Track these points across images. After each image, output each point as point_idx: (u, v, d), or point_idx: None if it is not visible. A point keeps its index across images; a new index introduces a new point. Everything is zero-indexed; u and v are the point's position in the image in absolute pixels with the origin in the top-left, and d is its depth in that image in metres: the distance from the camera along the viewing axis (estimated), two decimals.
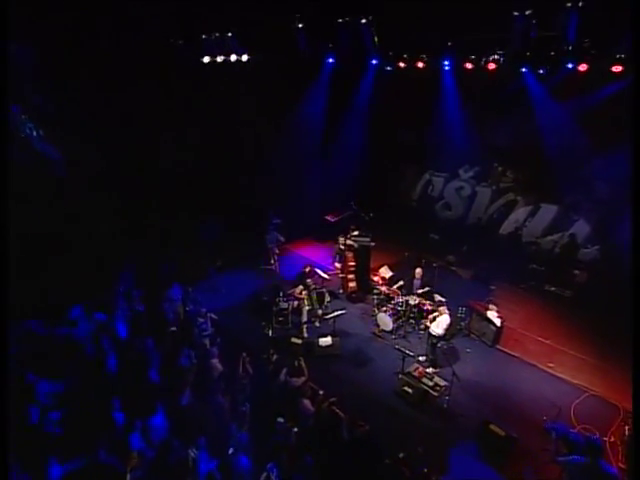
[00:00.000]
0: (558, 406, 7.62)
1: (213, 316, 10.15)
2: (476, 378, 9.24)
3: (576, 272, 12.38)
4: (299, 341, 9.97)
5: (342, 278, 12.02)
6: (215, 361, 8.72)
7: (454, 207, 15.42)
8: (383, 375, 9.38)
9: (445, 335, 9.29)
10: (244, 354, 8.71)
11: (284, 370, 8.36)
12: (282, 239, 13.35)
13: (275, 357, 9.10)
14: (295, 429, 7.13)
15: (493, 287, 12.18)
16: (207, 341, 9.48)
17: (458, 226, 15.00)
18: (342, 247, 11.82)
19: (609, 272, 11.26)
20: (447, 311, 9.08)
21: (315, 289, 10.86)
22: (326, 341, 9.91)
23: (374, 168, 15.70)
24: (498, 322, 10.06)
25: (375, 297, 11.38)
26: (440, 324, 9.00)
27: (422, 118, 14.05)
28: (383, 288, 11.10)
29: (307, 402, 7.86)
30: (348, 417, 7.36)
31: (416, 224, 14.98)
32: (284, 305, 10.79)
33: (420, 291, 10.68)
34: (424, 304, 10.38)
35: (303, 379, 8.30)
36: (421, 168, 15.90)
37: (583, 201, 12.44)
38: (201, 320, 9.88)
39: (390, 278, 11.60)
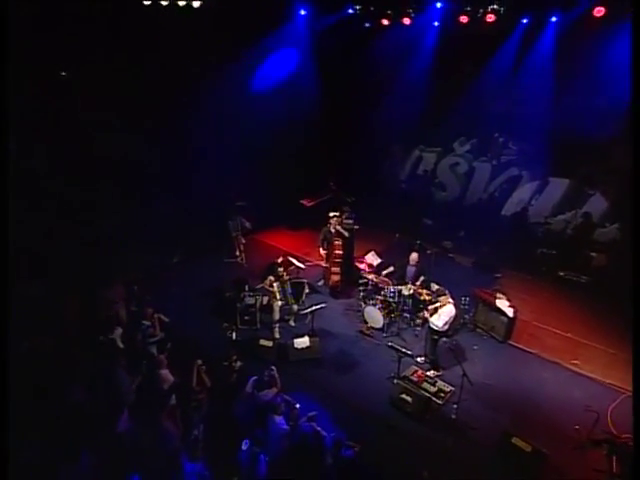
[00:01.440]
0: (595, 411, 6.54)
1: (163, 318, 8.82)
2: (488, 381, 8.16)
3: (593, 255, 11.62)
4: (269, 344, 8.69)
5: (325, 268, 10.78)
6: (164, 372, 7.38)
7: (449, 187, 14.52)
8: (374, 382, 8.21)
9: (448, 330, 8.15)
10: (199, 362, 7.38)
11: (251, 380, 7.18)
12: (248, 225, 12.09)
13: (239, 364, 7.86)
14: (264, 455, 6.05)
15: (499, 275, 11.33)
16: (154, 348, 8.16)
17: (454, 208, 14.11)
18: (332, 231, 10.56)
19: (631, 253, 10.38)
20: (450, 300, 7.93)
21: (289, 280, 9.60)
22: (303, 342, 8.66)
23: (355, 144, 14.66)
24: (510, 312, 9.00)
25: (361, 289, 10.20)
26: (442, 316, 7.84)
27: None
28: (371, 276, 9.91)
29: (280, 419, 6.69)
30: (332, 436, 6.29)
31: (405, 208, 13.93)
32: (250, 301, 9.49)
33: (419, 282, 9.50)
34: (420, 293, 9.23)
35: (274, 391, 7.10)
36: (410, 143, 14.91)
37: (599, 172, 11.59)
38: (147, 323, 8.54)
39: (378, 266, 10.44)
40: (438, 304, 8.02)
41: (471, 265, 12.13)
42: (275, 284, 9.38)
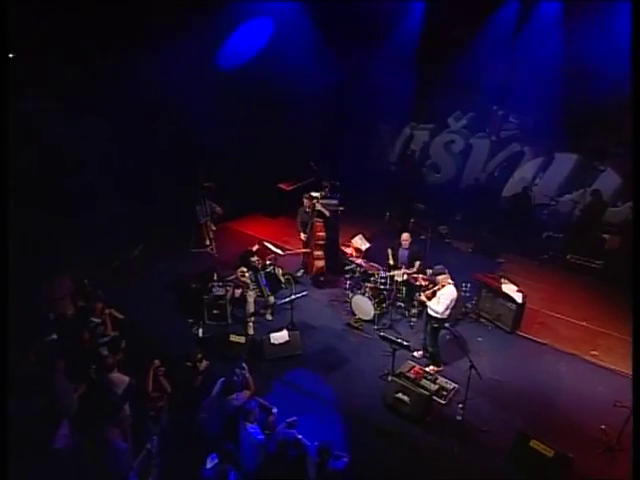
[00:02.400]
0: (626, 406, 5.82)
1: (116, 315, 7.96)
2: (497, 376, 7.47)
3: (605, 237, 11.05)
4: (241, 339, 7.84)
5: (306, 255, 9.97)
6: (115, 377, 6.52)
7: (443, 167, 13.93)
8: (365, 380, 7.46)
9: (449, 317, 7.39)
10: (156, 363, 6.53)
11: (218, 382, 6.41)
12: (219, 210, 11.25)
13: (205, 364, 7.09)
14: (235, 472, 5.32)
15: (501, 260, 10.72)
16: (105, 350, 7.29)
17: (449, 191, 13.48)
18: (307, 210, 9.78)
19: None
20: (451, 281, 7.18)
21: (265, 268, 8.77)
22: (281, 337, 7.83)
23: (339, 123, 13.98)
24: (519, 298, 8.30)
25: (348, 276, 9.41)
26: (442, 299, 7.08)
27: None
28: (359, 261, 9.12)
29: (253, 428, 5.93)
30: (317, 445, 5.53)
31: (396, 192, 13.22)
32: (220, 291, 8.64)
33: (415, 267, 8.74)
34: (416, 279, 8.48)
35: (247, 394, 6.41)
36: (399, 120, 14.22)
37: (610, 145, 11.05)
38: (96, 321, 7.66)
39: (367, 250, 9.65)
40: (437, 286, 7.26)
41: (470, 250, 11.47)
42: (248, 274, 8.54)
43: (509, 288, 8.44)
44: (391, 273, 8.74)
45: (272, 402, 6.56)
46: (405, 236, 8.92)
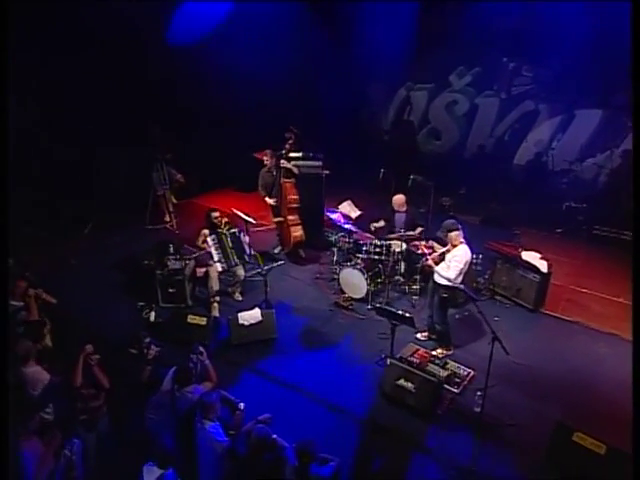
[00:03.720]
0: None
1: (46, 297, 6.84)
2: (521, 360, 6.51)
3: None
4: (202, 321, 6.79)
5: (279, 225, 8.97)
6: (32, 371, 5.36)
7: (445, 133, 13.28)
8: (356, 367, 6.49)
9: (462, 283, 6.36)
10: (88, 348, 5.34)
11: (170, 372, 5.41)
12: (180, 177, 10.25)
13: (154, 351, 5.98)
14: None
15: (517, 231, 9.86)
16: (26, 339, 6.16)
17: (452, 160, 12.77)
18: (270, 170, 8.83)
19: None
20: (462, 239, 6.21)
21: (231, 229, 7.75)
22: (251, 317, 6.81)
23: (323, 86, 12.94)
24: (543, 266, 7.39)
25: (337, 246, 8.45)
26: (454, 263, 6.10)
27: None
28: (348, 226, 8.14)
29: (214, 427, 4.93)
30: (297, 447, 4.57)
31: (390, 165, 12.27)
32: (176, 265, 7.59)
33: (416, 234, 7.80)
34: (417, 246, 7.52)
35: (207, 386, 5.43)
36: (393, 80, 13.50)
37: None
38: (16, 304, 6.55)
39: (358, 219, 8.70)
40: (445, 248, 6.30)
41: (480, 222, 10.61)
42: (211, 238, 7.50)
43: (530, 255, 7.55)
44: (387, 242, 7.78)
45: (240, 396, 5.64)
46: (399, 198, 8.00)
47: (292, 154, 8.96)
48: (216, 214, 7.66)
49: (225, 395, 5.61)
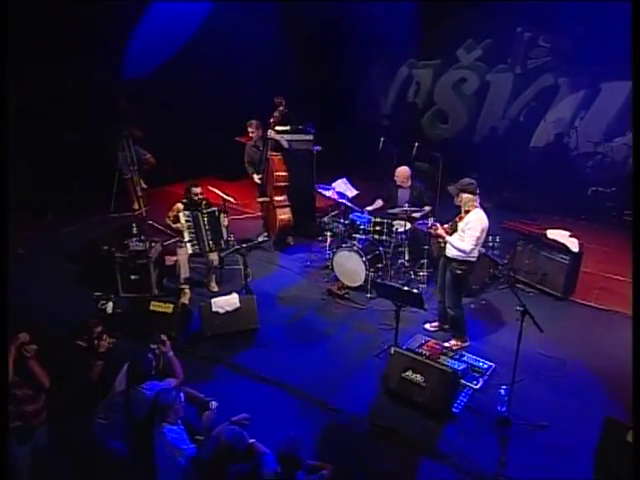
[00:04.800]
0: None
1: None
2: (551, 353, 5.92)
3: None
4: (168, 308, 6.12)
5: (264, 206, 8.35)
6: None
7: (452, 115, 12.71)
8: (352, 361, 5.87)
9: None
10: (23, 337, 4.56)
11: (125, 367, 4.81)
12: (150, 157, 9.66)
13: (107, 343, 5.34)
14: None
15: (538, 217, 9.32)
16: None
17: (460, 145, 12.19)
18: (256, 144, 8.27)
19: None
20: (477, 204, 5.60)
21: (208, 207, 7.11)
22: (228, 303, 6.14)
23: (316, 66, 12.66)
24: (574, 245, 6.77)
25: (330, 231, 7.81)
26: (468, 232, 5.45)
27: None
28: (344, 200, 7.52)
29: (176, 431, 4.28)
30: (280, 451, 3.90)
31: (391, 153, 11.81)
32: (139, 246, 6.93)
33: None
34: (424, 224, 6.91)
35: (171, 384, 4.78)
36: (394, 58, 12.98)
37: None
38: None
39: (354, 199, 8.07)
40: (458, 217, 5.69)
41: (493, 206, 10.01)
42: (184, 214, 6.85)
43: (558, 234, 6.95)
44: (389, 221, 7.17)
45: (213, 394, 4.97)
46: (402, 170, 7.45)
47: (279, 127, 8.37)
48: (198, 190, 7.02)
49: (191, 392, 4.94)
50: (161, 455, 4.22)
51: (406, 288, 5.29)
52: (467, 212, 5.57)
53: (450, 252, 5.64)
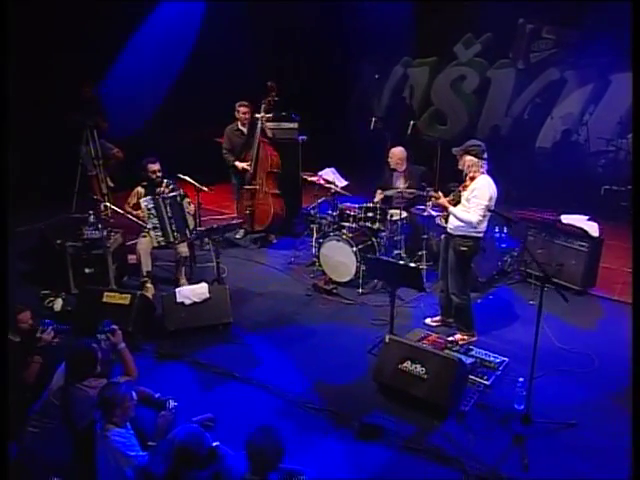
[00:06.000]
0: None
1: None
2: (571, 347, 5.39)
3: None
4: (124, 299, 5.49)
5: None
6: None
7: (451, 115, 12.42)
8: (340, 359, 5.23)
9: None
10: None
11: (61, 368, 4.15)
12: (117, 151, 9.17)
13: (48, 336, 4.62)
14: None
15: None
16: None
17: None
18: (240, 128, 7.82)
19: None
20: (484, 170, 5.10)
21: (172, 190, 6.53)
22: (196, 293, 5.52)
23: (307, 66, 12.53)
24: (593, 230, 6.29)
25: (316, 224, 7.27)
26: (474, 200, 4.93)
27: None
28: (331, 185, 6.98)
29: (122, 437, 3.66)
30: (249, 453, 3.27)
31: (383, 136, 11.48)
32: (94, 234, 6.32)
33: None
34: (423, 209, 6.39)
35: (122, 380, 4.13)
36: (388, 56, 12.75)
37: None
38: None
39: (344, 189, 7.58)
40: (460, 187, 5.19)
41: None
42: (145, 201, 6.27)
43: (574, 218, 6.44)
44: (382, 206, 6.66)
45: (174, 394, 4.33)
46: (397, 151, 7.01)
47: (259, 114, 7.89)
48: (155, 167, 6.43)
49: (146, 392, 4.31)
50: (104, 463, 3.59)
51: (402, 262, 4.70)
52: (472, 179, 5.06)
53: (453, 227, 5.09)
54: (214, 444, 3.55)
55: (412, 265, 4.70)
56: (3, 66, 4.68)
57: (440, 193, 5.31)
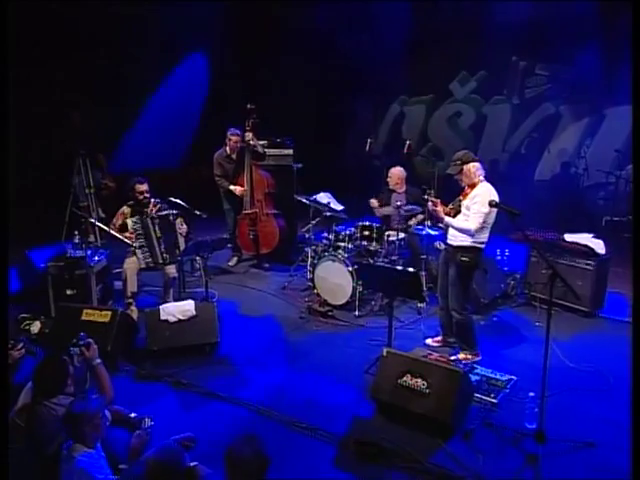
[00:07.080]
0: None
1: None
2: (582, 365, 4.98)
3: None
4: (104, 317, 5.06)
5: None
6: None
7: (448, 151, 11.89)
8: (336, 378, 4.83)
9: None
10: None
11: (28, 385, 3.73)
12: (110, 183, 8.87)
13: (21, 352, 4.18)
14: None
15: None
16: None
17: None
18: (229, 154, 7.60)
19: None
20: (483, 177, 4.91)
21: (160, 210, 6.21)
22: (180, 311, 5.11)
23: (302, 103, 12.28)
24: (599, 247, 5.95)
25: (311, 247, 6.93)
26: (475, 208, 4.70)
27: None
28: (326, 201, 6.71)
29: (90, 458, 3.22)
30: (236, 475, 2.82)
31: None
32: (77, 252, 5.97)
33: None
34: (422, 228, 6.09)
35: (86, 396, 3.59)
36: (384, 94, 12.75)
37: None
38: None
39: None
40: (460, 196, 4.92)
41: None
42: (132, 221, 5.94)
43: (579, 237, 6.10)
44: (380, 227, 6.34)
45: (155, 415, 3.92)
46: (397, 171, 6.88)
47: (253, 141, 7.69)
48: (143, 187, 6.12)
49: (120, 411, 3.88)
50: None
51: (399, 267, 4.33)
52: (472, 187, 4.79)
53: (452, 239, 4.78)
54: (192, 464, 3.13)
55: (411, 270, 4.32)
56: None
57: (438, 201, 5.00)
